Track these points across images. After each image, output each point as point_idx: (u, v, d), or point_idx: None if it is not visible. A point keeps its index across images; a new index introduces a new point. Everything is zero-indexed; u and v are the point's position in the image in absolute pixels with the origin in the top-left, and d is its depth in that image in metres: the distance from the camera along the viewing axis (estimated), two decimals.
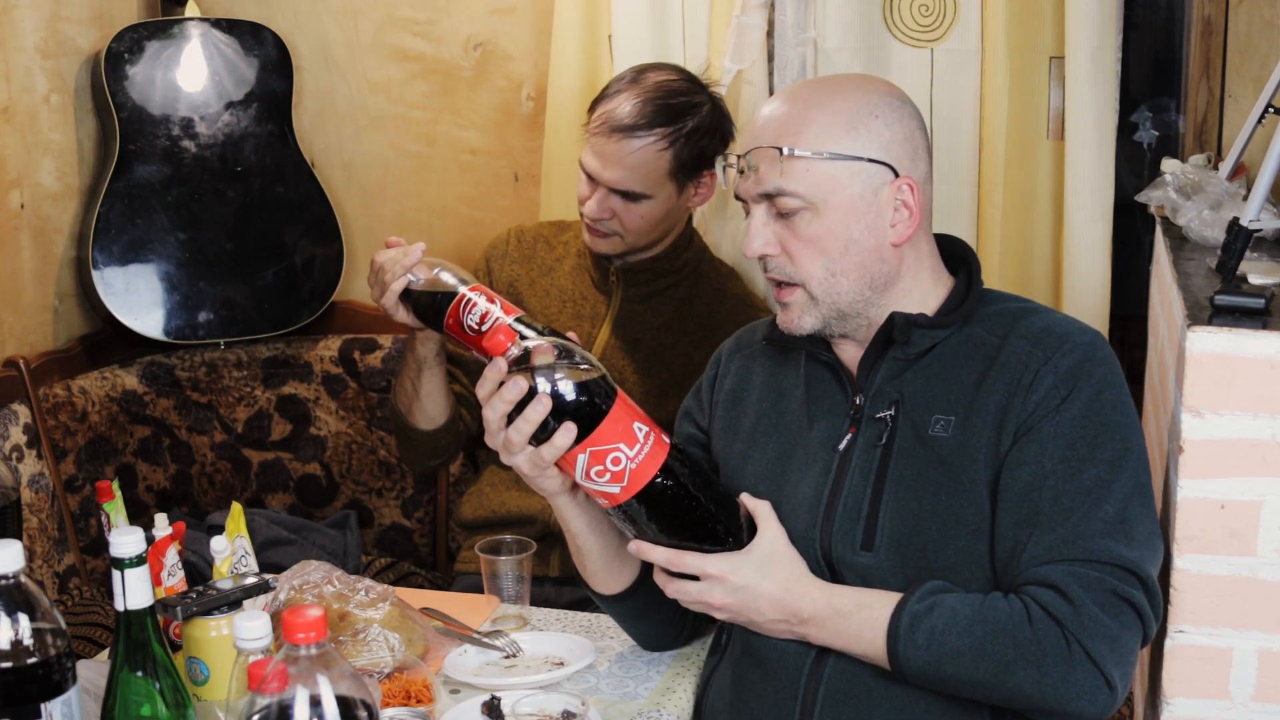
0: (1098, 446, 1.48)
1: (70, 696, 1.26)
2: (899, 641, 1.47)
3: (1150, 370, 2.23)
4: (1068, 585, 1.43)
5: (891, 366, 1.58)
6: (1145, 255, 2.56)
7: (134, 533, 1.23)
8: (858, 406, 1.59)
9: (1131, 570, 1.45)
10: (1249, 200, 1.81)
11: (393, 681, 1.57)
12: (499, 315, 1.87)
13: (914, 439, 1.54)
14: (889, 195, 1.54)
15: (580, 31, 2.65)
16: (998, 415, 1.51)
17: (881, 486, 1.54)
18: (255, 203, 2.80)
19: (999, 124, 2.49)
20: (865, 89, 1.57)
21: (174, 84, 2.73)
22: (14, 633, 1.22)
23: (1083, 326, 1.57)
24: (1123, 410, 1.51)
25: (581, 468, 1.49)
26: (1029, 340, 1.54)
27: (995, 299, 1.63)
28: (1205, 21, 2.44)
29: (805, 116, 1.54)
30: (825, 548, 1.57)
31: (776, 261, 1.57)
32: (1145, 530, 1.48)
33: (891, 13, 2.52)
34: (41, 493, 2.46)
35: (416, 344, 2.16)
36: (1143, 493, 1.49)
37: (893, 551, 1.53)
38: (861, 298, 1.57)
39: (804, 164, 1.52)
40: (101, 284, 2.65)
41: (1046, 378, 1.50)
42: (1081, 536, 1.45)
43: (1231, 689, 1.60)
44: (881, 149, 1.54)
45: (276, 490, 2.85)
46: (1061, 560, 1.45)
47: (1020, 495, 1.49)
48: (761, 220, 1.57)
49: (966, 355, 1.56)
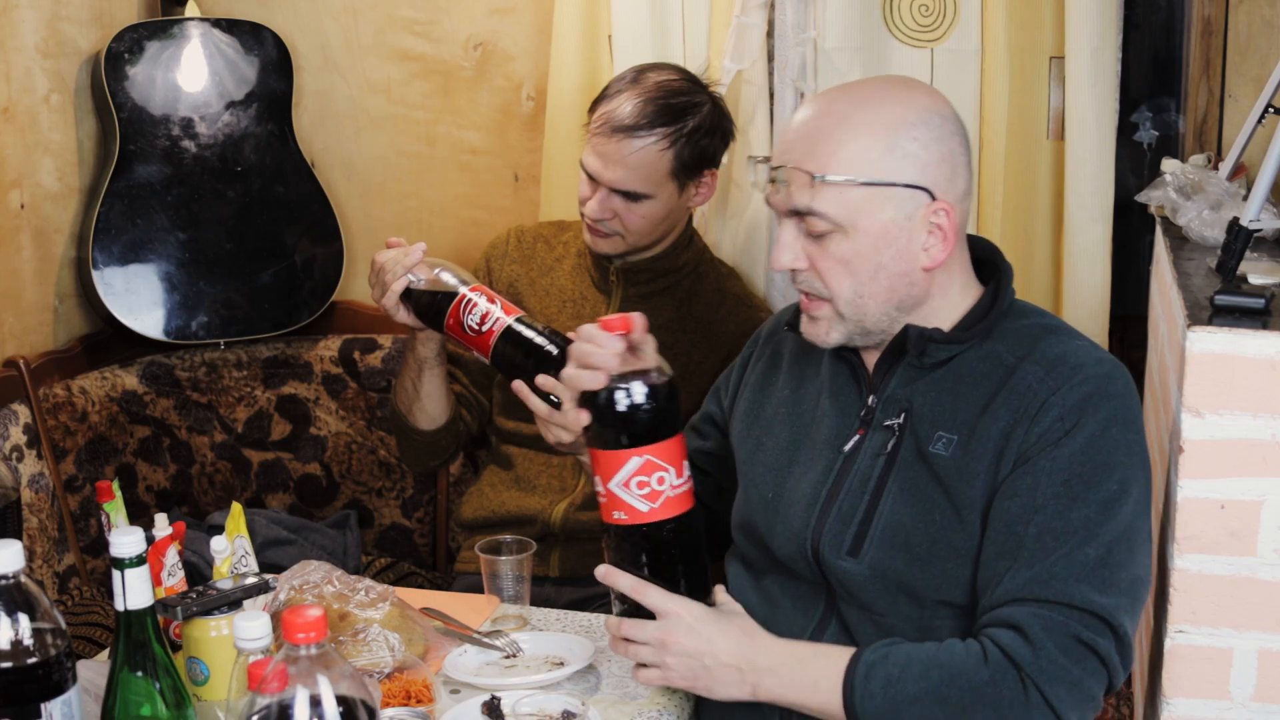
0: (1092, 486, 1.44)
1: (70, 696, 1.26)
2: (855, 690, 1.44)
3: (1150, 370, 2.23)
4: (1030, 627, 1.39)
5: (906, 373, 1.56)
6: (1145, 255, 2.56)
7: (134, 533, 1.24)
8: (869, 408, 1.58)
9: (1102, 617, 1.40)
10: (1249, 200, 1.81)
11: (393, 681, 1.57)
12: (499, 315, 1.88)
13: (915, 453, 1.52)
14: (923, 219, 1.50)
15: (580, 31, 2.65)
16: (1000, 441, 1.48)
17: (879, 497, 1.53)
18: (255, 203, 2.80)
19: (999, 124, 2.49)
20: (905, 103, 1.51)
21: (174, 84, 2.73)
22: (14, 633, 1.22)
23: (1101, 357, 1.52)
24: (1127, 449, 1.46)
25: (629, 471, 1.51)
26: (1042, 366, 1.50)
27: (1022, 313, 1.58)
28: (1205, 21, 2.44)
29: (839, 138, 1.49)
30: (815, 546, 1.56)
31: (805, 276, 1.55)
32: (1127, 577, 1.43)
33: (891, 13, 2.52)
34: (41, 493, 2.46)
35: (417, 344, 2.15)
36: (1133, 538, 1.45)
37: (877, 562, 1.51)
38: (888, 317, 1.54)
39: (836, 189, 1.48)
40: (101, 284, 2.65)
41: (1053, 409, 1.46)
42: (1057, 577, 1.41)
43: (1231, 689, 1.60)
44: (918, 173, 1.49)
45: (276, 490, 2.85)
46: (1031, 600, 1.41)
47: (1007, 526, 1.45)
48: (791, 235, 1.54)
49: (982, 373, 1.52)
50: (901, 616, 1.52)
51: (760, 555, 1.66)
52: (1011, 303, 1.58)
